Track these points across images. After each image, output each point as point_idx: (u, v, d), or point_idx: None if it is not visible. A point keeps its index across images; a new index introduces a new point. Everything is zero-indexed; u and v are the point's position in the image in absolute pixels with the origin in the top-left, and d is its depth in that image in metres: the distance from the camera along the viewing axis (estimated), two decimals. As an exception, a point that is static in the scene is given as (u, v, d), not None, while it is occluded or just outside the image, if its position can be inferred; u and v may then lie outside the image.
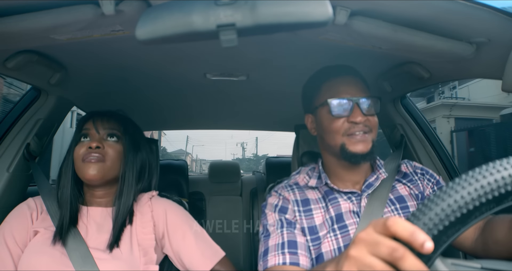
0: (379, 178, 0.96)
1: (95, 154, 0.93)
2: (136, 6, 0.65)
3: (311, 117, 1.00)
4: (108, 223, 0.94)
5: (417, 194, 0.97)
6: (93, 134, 0.97)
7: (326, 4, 0.44)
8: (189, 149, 31.62)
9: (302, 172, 1.04)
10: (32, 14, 0.67)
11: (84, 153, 0.94)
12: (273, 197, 0.98)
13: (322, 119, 0.94)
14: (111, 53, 1.03)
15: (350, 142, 0.88)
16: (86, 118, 1.01)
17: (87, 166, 0.92)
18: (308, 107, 1.01)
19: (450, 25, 0.75)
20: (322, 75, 0.97)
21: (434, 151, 1.33)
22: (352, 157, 0.89)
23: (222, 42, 0.45)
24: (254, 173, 2.57)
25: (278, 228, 0.90)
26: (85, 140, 0.97)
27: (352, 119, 0.88)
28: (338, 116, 0.89)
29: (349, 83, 0.92)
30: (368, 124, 0.90)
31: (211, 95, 1.53)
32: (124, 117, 1.04)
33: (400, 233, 0.39)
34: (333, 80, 0.93)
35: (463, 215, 0.38)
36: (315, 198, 0.96)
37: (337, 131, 0.89)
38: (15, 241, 0.89)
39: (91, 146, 0.94)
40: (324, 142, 0.96)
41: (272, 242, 0.88)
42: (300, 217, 0.93)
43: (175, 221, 1.00)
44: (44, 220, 0.93)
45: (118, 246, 0.90)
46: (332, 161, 0.97)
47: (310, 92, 0.99)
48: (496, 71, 0.80)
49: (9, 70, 0.95)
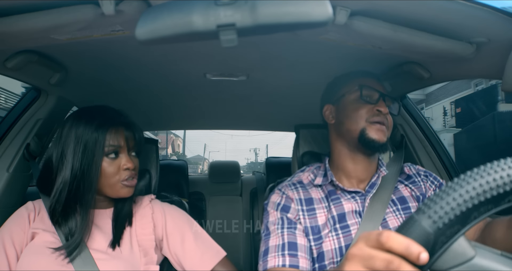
0: (380, 175, 0.97)
1: (132, 176, 0.93)
2: (136, 6, 0.65)
3: (331, 107, 1.04)
4: (108, 225, 0.94)
5: (419, 195, 0.97)
6: (124, 152, 0.93)
7: (326, 4, 0.44)
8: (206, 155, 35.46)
9: (307, 170, 1.05)
10: (32, 14, 0.67)
11: (120, 174, 0.91)
12: (276, 195, 0.99)
13: (349, 104, 0.98)
14: (111, 53, 1.03)
15: (371, 128, 0.93)
16: (108, 127, 0.91)
17: (124, 188, 0.92)
18: (330, 97, 1.05)
19: (450, 25, 0.75)
20: (352, 73, 1.04)
21: (434, 151, 1.33)
22: (369, 142, 0.93)
23: (222, 42, 0.45)
24: (254, 173, 2.57)
25: (279, 228, 0.90)
26: (114, 156, 0.91)
27: (378, 107, 0.94)
28: (366, 102, 0.95)
29: (377, 83, 0.99)
30: (388, 119, 0.96)
31: (211, 95, 1.53)
32: (136, 126, 0.99)
33: (396, 248, 0.39)
34: (362, 78, 1.00)
35: (462, 213, 0.38)
36: (318, 197, 0.96)
37: (362, 116, 0.94)
38: (13, 242, 0.88)
39: (129, 167, 0.91)
40: (343, 128, 0.98)
41: (273, 242, 0.89)
42: (304, 216, 0.93)
43: (174, 224, 0.99)
44: (42, 221, 0.92)
45: (119, 246, 0.90)
46: (343, 152, 0.99)
47: (338, 84, 1.04)
48: (496, 71, 0.80)
49: (9, 70, 0.95)
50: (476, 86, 12.08)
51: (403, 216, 0.92)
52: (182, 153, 29.19)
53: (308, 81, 1.29)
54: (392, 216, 0.92)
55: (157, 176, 1.26)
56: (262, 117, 2.00)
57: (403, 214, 0.93)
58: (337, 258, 0.88)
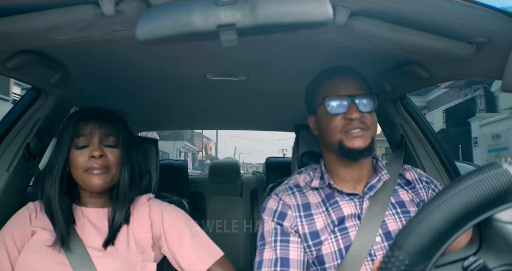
0: (381, 179, 0.95)
1: (99, 164, 0.90)
2: (136, 6, 0.65)
3: (313, 118, 1.02)
4: (104, 223, 0.94)
5: (419, 202, 0.96)
6: (94, 143, 0.91)
7: (326, 4, 0.44)
8: (237, 156, 37.43)
9: (303, 172, 1.04)
10: (32, 14, 0.67)
11: (86, 163, 0.89)
12: (272, 200, 0.97)
13: (321, 118, 0.95)
14: (111, 53, 1.03)
15: (347, 138, 0.90)
16: (79, 120, 0.93)
17: (91, 177, 0.90)
18: (310, 108, 1.02)
19: (450, 25, 0.75)
20: (321, 76, 0.99)
21: (434, 151, 1.33)
22: (350, 152, 0.90)
23: (222, 42, 0.45)
24: (254, 173, 2.57)
25: (272, 241, 0.91)
26: (83, 146, 0.91)
27: (348, 116, 0.89)
28: (334, 114, 0.91)
29: (347, 82, 0.94)
30: (365, 121, 0.90)
31: (211, 95, 1.53)
32: (116, 116, 1.00)
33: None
34: (331, 80, 0.95)
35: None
36: (315, 202, 0.95)
37: (335, 128, 0.91)
38: (14, 241, 0.89)
39: (93, 154, 0.89)
40: (324, 141, 0.97)
41: (267, 255, 0.90)
42: (301, 223, 0.92)
43: (171, 222, 0.99)
44: (42, 219, 0.93)
45: (114, 244, 0.90)
46: (333, 160, 0.97)
47: (311, 93, 1.01)
48: (496, 71, 0.80)
49: (9, 70, 0.95)
50: (465, 96, 12.44)
51: (402, 220, 0.92)
52: (215, 155, 30.36)
53: (308, 81, 1.28)
54: (392, 218, 0.91)
55: (157, 176, 1.26)
56: (262, 117, 2.00)
57: (403, 218, 0.92)
58: (337, 261, 0.88)
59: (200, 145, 29.55)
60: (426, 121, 1.38)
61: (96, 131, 0.92)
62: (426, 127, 1.36)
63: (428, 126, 1.37)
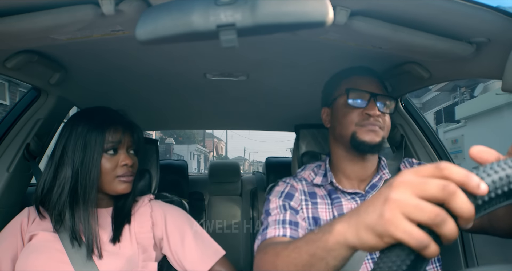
0: (383, 178, 0.97)
1: (131, 171, 0.95)
2: (136, 6, 0.65)
3: (328, 110, 1.03)
4: (108, 223, 0.95)
5: None
6: (122, 149, 0.95)
7: (326, 4, 0.44)
8: (246, 155, 38.88)
9: (307, 168, 1.05)
10: (32, 14, 0.67)
11: (118, 169, 0.93)
12: (280, 186, 0.99)
13: (339, 108, 0.96)
14: (111, 53, 1.03)
15: (361, 130, 0.91)
16: (107, 126, 0.94)
17: (122, 183, 0.94)
18: (326, 100, 1.04)
19: (450, 25, 0.75)
20: (344, 73, 1.01)
21: (434, 151, 1.33)
22: (360, 144, 0.91)
23: (222, 42, 0.45)
24: (254, 173, 2.57)
25: (282, 210, 0.89)
26: (113, 153, 0.94)
27: (367, 111, 0.91)
28: (354, 106, 0.92)
29: (369, 81, 0.96)
30: (381, 120, 0.92)
31: (211, 95, 1.53)
32: (135, 126, 1.01)
33: (455, 176, 0.37)
34: (354, 77, 0.97)
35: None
36: (321, 194, 0.97)
37: (351, 121, 0.92)
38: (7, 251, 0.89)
39: (127, 163, 0.94)
40: (336, 132, 0.98)
41: (273, 218, 0.88)
42: (306, 206, 0.93)
43: (174, 223, 1.00)
44: (40, 223, 0.92)
45: (119, 242, 0.91)
46: (340, 154, 0.98)
47: (331, 86, 1.03)
48: (496, 71, 0.80)
49: (9, 70, 0.95)
50: (455, 99, 12.63)
51: None
52: (225, 155, 31.17)
53: (308, 81, 1.29)
54: None
55: (157, 176, 1.26)
56: (262, 117, 2.00)
57: None
58: None
59: (211, 146, 30.22)
60: (426, 121, 1.38)
61: (126, 139, 0.96)
62: (426, 127, 1.36)
63: (428, 126, 1.37)
